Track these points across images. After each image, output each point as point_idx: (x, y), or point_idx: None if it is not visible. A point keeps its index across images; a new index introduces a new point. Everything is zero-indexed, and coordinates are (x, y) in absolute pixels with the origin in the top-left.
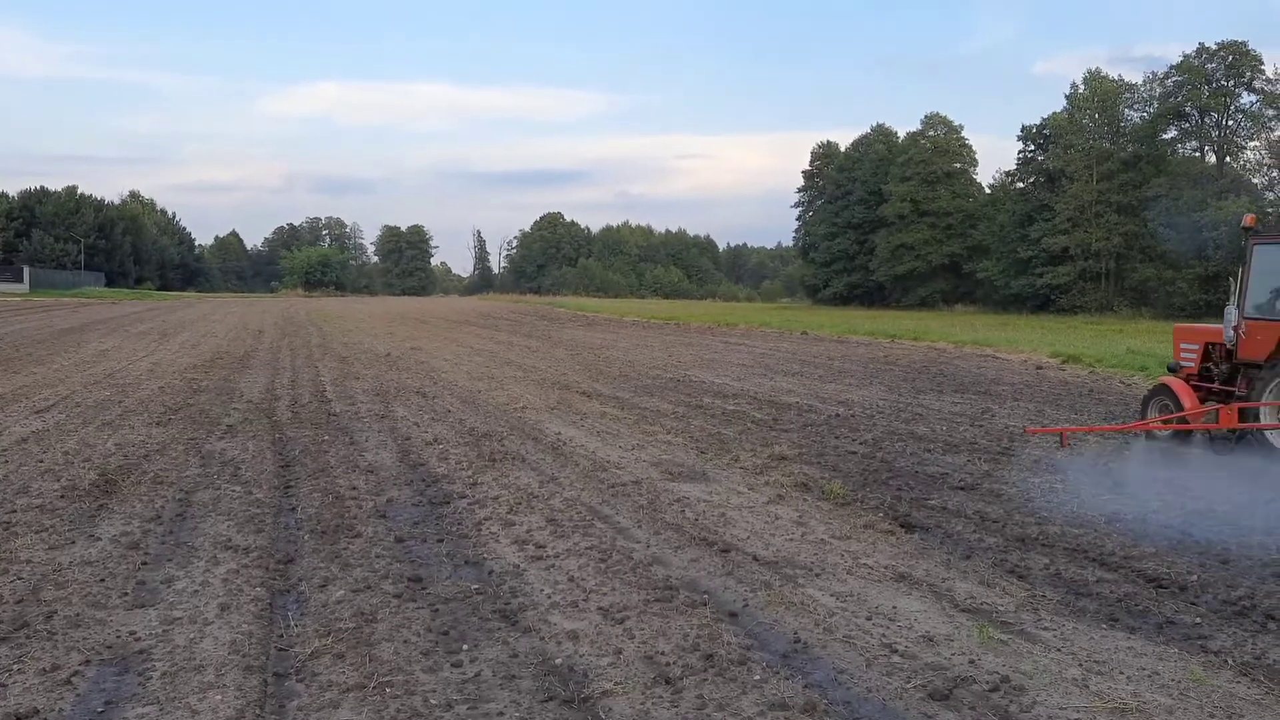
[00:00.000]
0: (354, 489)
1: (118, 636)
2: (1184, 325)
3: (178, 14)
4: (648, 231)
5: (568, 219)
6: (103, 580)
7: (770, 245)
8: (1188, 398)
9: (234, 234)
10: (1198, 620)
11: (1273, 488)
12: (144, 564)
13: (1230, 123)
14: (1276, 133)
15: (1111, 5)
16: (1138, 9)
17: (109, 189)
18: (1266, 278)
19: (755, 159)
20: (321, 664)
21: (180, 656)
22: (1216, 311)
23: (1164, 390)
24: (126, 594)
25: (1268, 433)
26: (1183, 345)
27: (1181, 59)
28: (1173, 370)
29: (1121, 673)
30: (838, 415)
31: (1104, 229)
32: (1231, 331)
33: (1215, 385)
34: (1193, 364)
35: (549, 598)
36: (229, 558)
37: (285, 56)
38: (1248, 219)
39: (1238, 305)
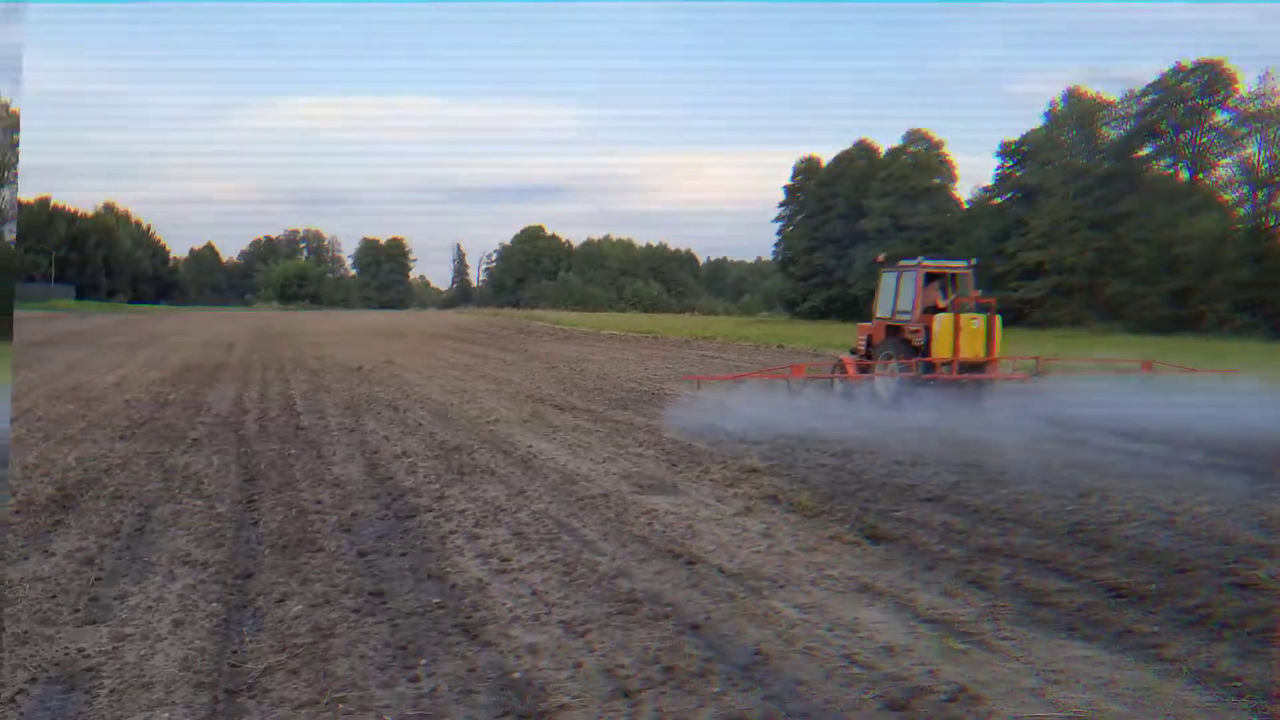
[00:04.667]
0: (319, 503)
1: (66, 654)
2: (862, 324)
3: (156, 26)
4: (628, 245)
5: (549, 232)
6: (54, 596)
7: (751, 259)
8: (850, 366)
9: (210, 246)
10: (1155, 629)
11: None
12: (98, 579)
13: (1204, 139)
14: (1247, 150)
15: (1089, 29)
16: (1115, 33)
17: (84, 200)
18: (884, 293)
19: (738, 174)
20: (275, 680)
21: (129, 674)
22: (1185, 325)
23: (840, 364)
24: (78, 610)
25: (876, 383)
26: (860, 336)
27: (1159, 77)
28: (852, 351)
29: (1078, 682)
30: (809, 428)
31: (1078, 244)
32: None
33: (870, 361)
34: (863, 347)
35: (511, 611)
36: (186, 573)
37: (265, 70)
38: (879, 257)
39: (873, 310)
